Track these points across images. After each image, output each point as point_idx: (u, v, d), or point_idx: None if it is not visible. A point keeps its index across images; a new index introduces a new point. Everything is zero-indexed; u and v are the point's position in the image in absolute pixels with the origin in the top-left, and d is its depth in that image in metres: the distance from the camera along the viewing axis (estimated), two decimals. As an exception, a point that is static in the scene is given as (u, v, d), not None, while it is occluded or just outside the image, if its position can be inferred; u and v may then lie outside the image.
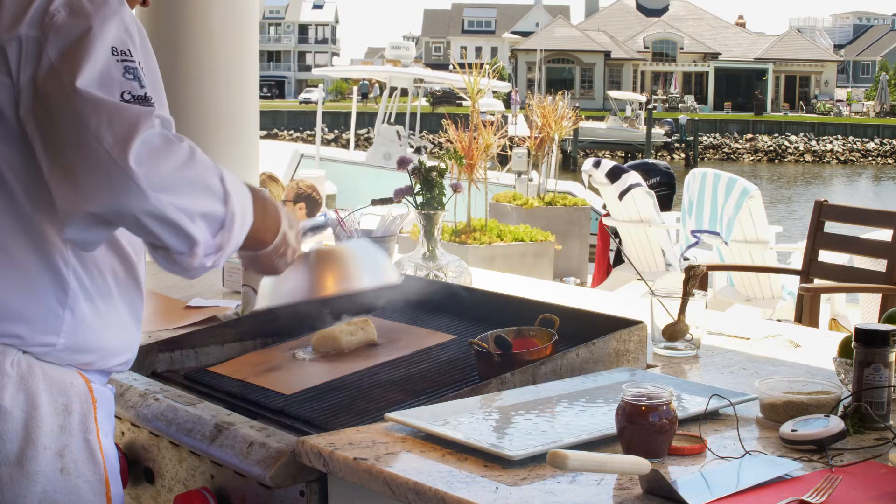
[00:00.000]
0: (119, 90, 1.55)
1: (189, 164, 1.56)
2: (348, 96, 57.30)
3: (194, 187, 1.55)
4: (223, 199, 1.59)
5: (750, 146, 49.61)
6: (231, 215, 1.59)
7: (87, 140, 1.50)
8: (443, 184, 2.81)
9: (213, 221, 1.58)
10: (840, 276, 4.70)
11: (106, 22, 1.58)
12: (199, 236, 1.56)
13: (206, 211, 1.57)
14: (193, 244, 1.56)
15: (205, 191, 1.57)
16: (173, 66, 3.51)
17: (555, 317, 2.11)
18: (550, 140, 8.91)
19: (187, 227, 1.54)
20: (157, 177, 1.51)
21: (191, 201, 1.54)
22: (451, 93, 39.16)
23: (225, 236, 1.60)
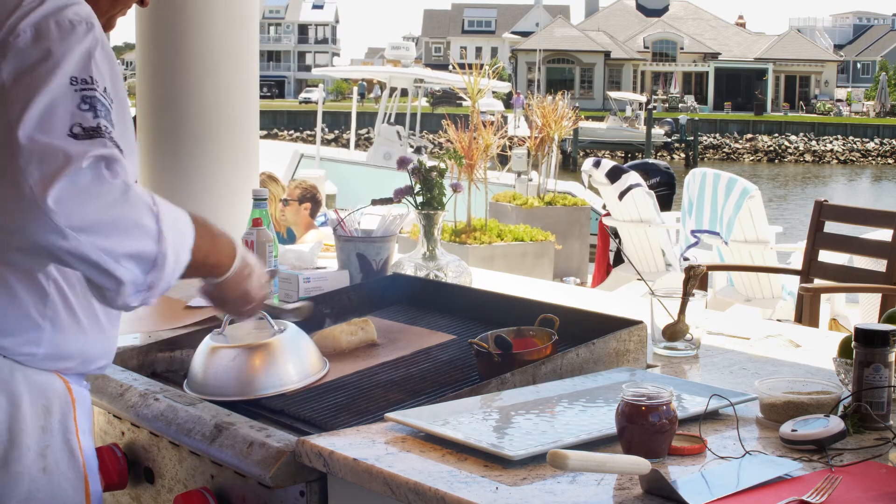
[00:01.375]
0: (68, 124, 1.53)
1: (118, 203, 1.53)
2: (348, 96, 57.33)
3: (122, 228, 1.53)
4: (156, 239, 1.56)
5: (750, 146, 49.60)
6: (163, 255, 1.57)
7: (16, 177, 1.50)
8: (443, 184, 2.81)
9: (144, 261, 1.56)
10: (840, 276, 4.70)
11: (70, 51, 1.58)
12: (126, 276, 1.55)
13: (134, 251, 1.54)
14: (119, 283, 1.55)
15: (134, 231, 1.54)
16: (173, 66, 3.51)
17: (555, 317, 2.11)
18: (550, 140, 8.91)
19: (111, 267, 1.53)
20: (79, 217, 1.49)
21: (116, 242, 1.52)
22: (451, 93, 39.16)
23: (157, 275, 1.58)
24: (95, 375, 2.02)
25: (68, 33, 1.60)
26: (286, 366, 2.00)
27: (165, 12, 3.50)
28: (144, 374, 2.18)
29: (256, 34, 3.66)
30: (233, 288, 1.79)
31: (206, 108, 3.51)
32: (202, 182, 3.51)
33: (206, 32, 3.49)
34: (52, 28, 1.59)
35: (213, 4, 3.51)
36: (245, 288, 1.80)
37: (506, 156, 10.60)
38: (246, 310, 1.86)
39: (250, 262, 1.81)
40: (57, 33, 1.59)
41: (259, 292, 1.84)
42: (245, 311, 1.87)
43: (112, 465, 2.09)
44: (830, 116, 56.00)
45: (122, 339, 2.36)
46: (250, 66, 3.61)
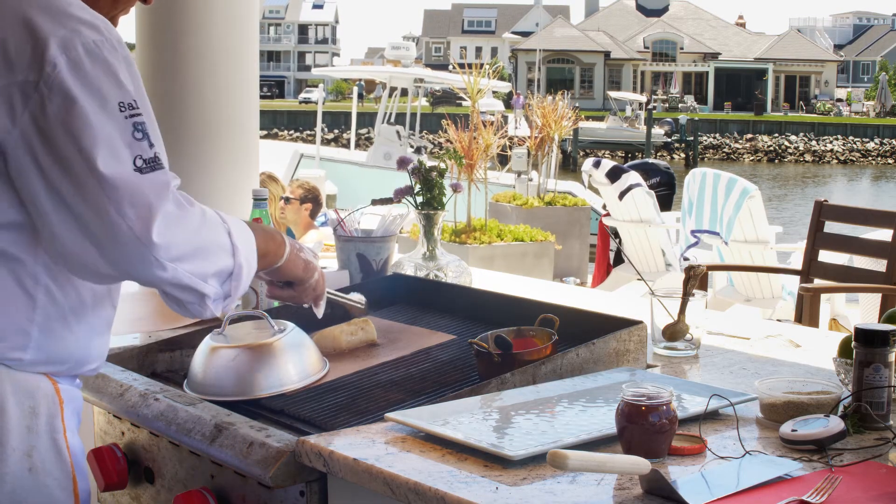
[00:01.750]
0: (131, 157, 1.58)
1: (201, 228, 1.65)
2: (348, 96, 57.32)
3: (207, 251, 1.65)
4: (232, 253, 1.69)
5: (750, 146, 49.61)
6: (239, 266, 1.70)
7: (110, 216, 1.55)
8: (443, 184, 2.81)
9: (223, 275, 1.69)
10: (840, 276, 4.70)
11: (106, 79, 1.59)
12: (210, 292, 1.67)
13: (218, 269, 1.67)
14: (204, 297, 1.67)
15: (216, 251, 1.67)
16: (173, 66, 3.51)
17: (555, 317, 2.11)
18: (550, 140, 8.91)
19: (200, 287, 1.65)
20: (175, 248, 1.59)
21: (204, 265, 1.65)
22: (451, 93, 39.17)
23: (233, 285, 1.71)
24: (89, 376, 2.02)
25: (96, 55, 1.59)
26: (286, 366, 2.00)
27: (165, 12, 3.50)
28: (144, 374, 2.17)
29: (256, 34, 3.66)
30: (293, 267, 1.90)
31: (206, 108, 3.51)
32: (202, 182, 3.51)
33: (206, 32, 3.49)
34: (82, 52, 1.58)
35: (213, 4, 3.51)
36: (304, 257, 1.91)
37: (506, 156, 10.60)
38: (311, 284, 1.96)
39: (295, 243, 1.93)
40: (88, 61, 1.58)
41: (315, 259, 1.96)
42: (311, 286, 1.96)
43: (112, 465, 2.09)
44: (830, 116, 56.00)
45: (122, 339, 2.37)
46: (250, 66, 3.61)
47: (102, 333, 1.82)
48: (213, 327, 2.17)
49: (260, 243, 1.79)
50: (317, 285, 1.98)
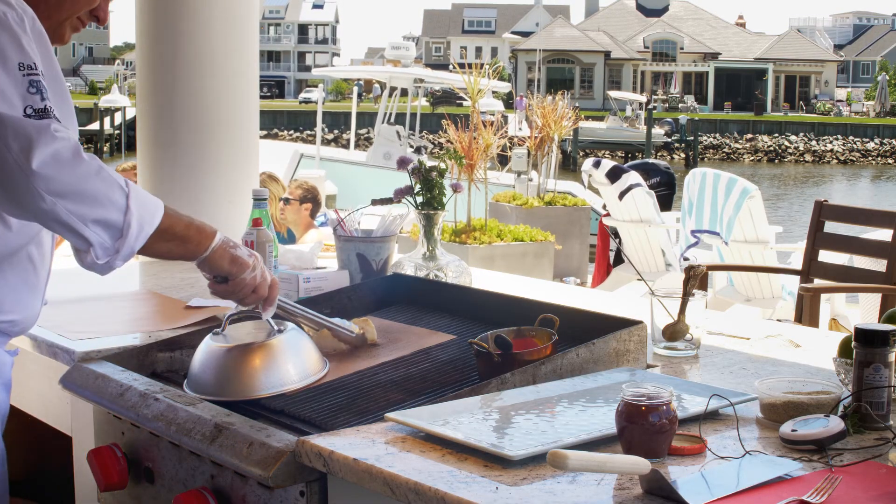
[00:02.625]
0: (22, 105, 1.77)
1: (91, 177, 1.77)
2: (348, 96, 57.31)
3: (93, 198, 1.77)
4: (123, 211, 1.80)
5: (750, 146, 49.60)
6: (127, 225, 1.80)
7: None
8: (443, 184, 2.81)
9: (110, 228, 1.80)
10: (840, 276, 4.70)
11: (10, 43, 1.78)
12: (94, 239, 1.79)
13: (102, 218, 1.78)
14: (88, 245, 1.79)
15: (104, 202, 1.78)
16: (173, 66, 3.51)
17: (555, 317, 2.11)
18: (550, 140, 8.91)
19: (81, 230, 1.77)
20: (56, 183, 1.73)
21: (85, 209, 1.77)
22: (451, 93, 39.20)
23: (121, 242, 1.81)
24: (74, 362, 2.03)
25: (4, 27, 1.78)
26: (286, 366, 2.00)
27: (165, 12, 3.50)
28: (144, 374, 2.17)
29: (256, 34, 3.66)
30: (219, 260, 1.93)
31: (206, 108, 3.51)
32: (202, 182, 3.51)
33: (206, 32, 3.49)
34: None
35: (213, 4, 3.51)
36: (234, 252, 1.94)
37: (506, 156, 10.60)
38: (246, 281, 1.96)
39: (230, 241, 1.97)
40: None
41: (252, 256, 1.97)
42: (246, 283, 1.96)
43: (112, 465, 2.09)
44: (830, 116, 55.99)
45: (122, 339, 2.37)
46: (250, 66, 3.61)
47: (22, 290, 1.95)
48: (213, 327, 2.17)
49: (181, 228, 1.89)
50: (255, 284, 1.97)
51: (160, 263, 3.45)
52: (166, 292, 2.95)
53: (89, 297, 2.86)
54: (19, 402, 2.55)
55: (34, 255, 1.98)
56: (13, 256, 1.93)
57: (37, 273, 1.99)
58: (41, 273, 2.01)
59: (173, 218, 1.89)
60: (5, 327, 1.96)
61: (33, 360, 2.47)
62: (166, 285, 3.06)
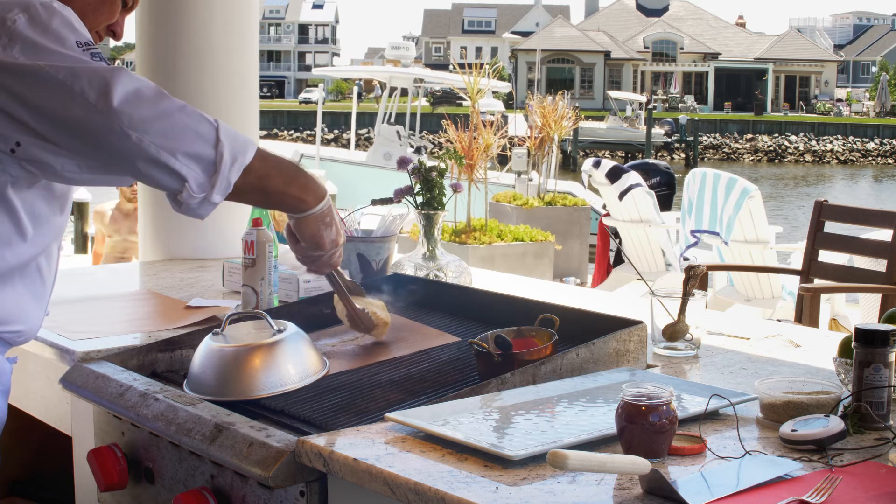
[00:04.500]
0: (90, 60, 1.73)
1: (176, 112, 1.74)
2: (348, 96, 57.33)
3: (180, 131, 1.73)
4: (213, 144, 1.76)
5: (750, 146, 49.60)
6: (220, 156, 1.76)
7: (76, 101, 1.69)
8: (443, 184, 2.81)
9: (202, 161, 1.75)
10: (840, 276, 4.70)
11: (62, 25, 1.76)
12: (187, 173, 1.74)
13: (191, 151, 1.74)
14: (182, 180, 1.75)
15: (191, 135, 1.74)
16: (173, 66, 3.51)
17: (555, 317, 2.11)
18: (550, 140, 8.91)
19: (172, 164, 1.73)
20: (139, 118, 1.69)
21: (173, 142, 1.72)
22: (451, 93, 39.18)
23: (216, 176, 1.76)
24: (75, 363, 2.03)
25: (54, 12, 1.77)
26: (286, 366, 2.00)
27: (165, 12, 3.50)
28: (144, 374, 2.17)
29: (256, 34, 3.66)
30: (311, 227, 1.94)
31: (206, 108, 3.49)
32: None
33: (206, 32, 3.49)
34: (40, 9, 1.75)
35: (213, 4, 3.51)
36: (321, 232, 1.95)
37: (506, 156, 10.61)
38: (316, 256, 1.99)
39: (335, 214, 1.97)
40: (46, 15, 1.75)
41: (334, 242, 1.98)
42: (315, 257, 1.99)
43: (112, 465, 2.09)
44: (830, 116, 56.00)
45: (122, 339, 2.37)
46: (250, 66, 3.61)
47: (27, 301, 1.92)
48: (213, 327, 2.17)
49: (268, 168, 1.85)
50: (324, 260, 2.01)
51: (160, 263, 3.45)
52: (166, 292, 2.95)
53: (89, 297, 2.86)
54: (19, 402, 2.55)
55: (43, 267, 1.96)
56: (25, 268, 1.91)
57: (44, 284, 1.98)
58: (48, 284, 2.00)
59: (276, 160, 1.87)
60: (10, 337, 1.94)
61: (33, 360, 2.47)
62: (166, 285, 3.06)
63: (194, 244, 3.50)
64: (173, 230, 3.53)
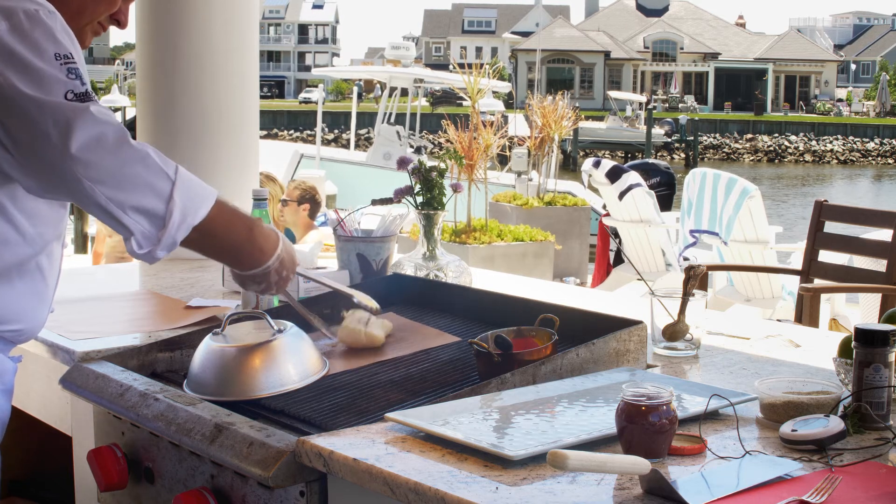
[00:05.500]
0: (63, 91, 1.73)
1: (135, 164, 1.75)
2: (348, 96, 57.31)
3: (132, 185, 1.74)
4: (165, 200, 1.77)
5: (750, 146, 49.60)
6: (170, 213, 1.77)
7: (38, 131, 1.70)
8: (443, 184, 2.81)
9: (151, 217, 1.77)
10: (840, 276, 4.70)
11: (43, 35, 1.76)
12: (133, 227, 1.76)
13: (141, 206, 1.76)
14: (129, 233, 1.77)
15: (144, 190, 1.75)
16: (173, 67, 3.51)
17: (555, 317, 2.11)
18: (550, 140, 8.91)
19: (119, 217, 1.75)
20: (95, 169, 1.71)
21: (125, 196, 1.74)
22: (451, 93, 39.19)
23: (162, 232, 1.78)
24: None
25: (37, 23, 1.76)
26: (286, 366, 2.00)
27: (165, 12, 3.50)
28: (144, 374, 2.17)
29: (256, 34, 3.66)
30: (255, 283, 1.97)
31: (206, 108, 3.51)
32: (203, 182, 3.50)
33: (206, 32, 3.49)
34: (23, 19, 1.75)
35: (213, 4, 3.51)
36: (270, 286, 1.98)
37: (506, 156, 10.60)
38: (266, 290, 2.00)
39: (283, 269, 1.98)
40: (28, 24, 1.75)
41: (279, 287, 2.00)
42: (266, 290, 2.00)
43: (112, 465, 2.09)
44: (830, 116, 56.00)
45: (122, 339, 2.37)
46: (250, 66, 3.61)
47: (29, 299, 1.93)
48: (213, 327, 2.17)
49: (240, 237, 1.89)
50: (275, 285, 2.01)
51: (160, 263, 3.45)
52: (166, 292, 2.95)
53: (89, 297, 2.86)
54: (20, 402, 2.55)
55: (44, 265, 1.96)
56: (23, 266, 1.91)
57: (46, 283, 1.97)
58: (50, 283, 1.99)
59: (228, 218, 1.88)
60: (11, 336, 1.94)
61: (33, 360, 2.47)
62: (166, 285, 3.06)
63: (194, 244, 3.50)
64: (173, 230, 3.52)
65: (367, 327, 2.26)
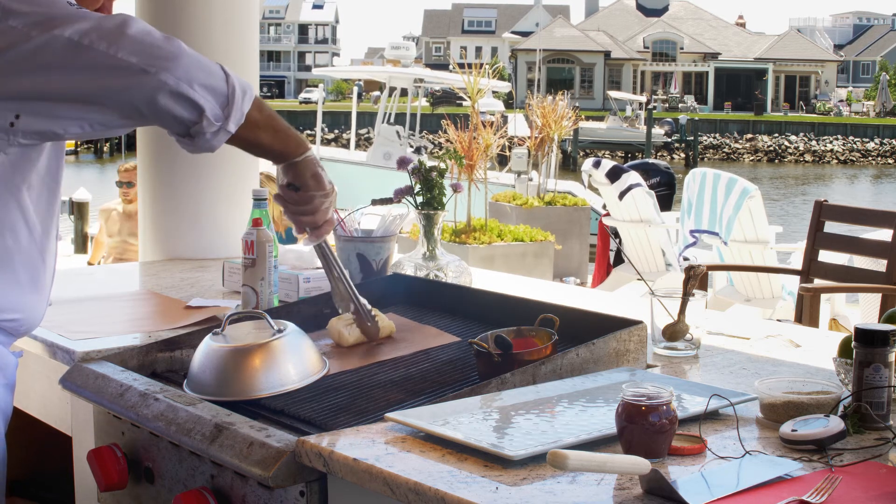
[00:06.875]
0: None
1: (186, 50, 1.78)
2: (348, 96, 57.31)
3: (194, 65, 1.78)
4: (223, 78, 1.81)
5: (750, 146, 49.60)
6: (232, 88, 1.82)
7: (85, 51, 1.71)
8: (443, 184, 2.81)
9: (216, 93, 1.80)
10: (840, 276, 4.70)
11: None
12: (204, 104, 1.78)
13: (208, 83, 1.78)
14: (200, 111, 1.78)
15: (204, 69, 1.79)
16: (173, 66, 3.51)
17: (555, 317, 2.11)
18: (550, 140, 8.92)
19: (191, 94, 1.76)
20: (154, 55, 1.73)
21: (189, 73, 1.76)
22: (451, 93, 39.16)
23: (229, 107, 1.82)
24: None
25: None
26: (286, 366, 2.00)
27: (165, 12, 3.50)
28: (144, 374, 2.17)
29: (256, 34, 3.66)
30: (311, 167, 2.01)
31: (206, 108, 3.50)
32: (202, 182, 3.51)
33: (206, 32, 3.49)
34: None
35: (213, 4, 3.51)
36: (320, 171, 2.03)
37: (506, 156, 10.61)
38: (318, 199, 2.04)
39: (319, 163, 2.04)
40: None
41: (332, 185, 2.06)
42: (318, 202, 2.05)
43: (112, 465, 2.09)
44: (830, 116, 56.00)
45: (122, 339, 2.37)
46: (250, 66, 3.61)
47: (27, 287, 1.92)
48: (213, 327, 2.17)
49: (282, 123, 1.95)
50: (320, 208, 2.06)
51: (160, 263, 3.45)
52: (166, 292, 2.95)
53: (89, 297, 2.86)
54: (19, 402, 2.55)
55: (44, 255, 1.95)
56: (26, 255, 1.91)
57: (44, 273, 1.97)
58: (47, 273, 1.99)
59: (272, 109, 1.93)
60: (10, 326, 1.94)
61: (33, 360, 2.47)
62: (166, 285, 3.06)
63: (194, 244, 3.50)
64: (173, 230, 3.53)
65: (347, 328, 2.27)
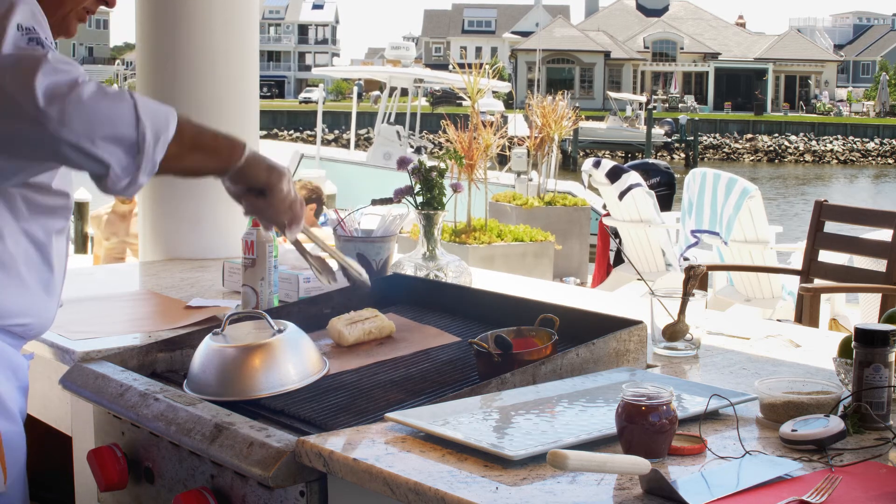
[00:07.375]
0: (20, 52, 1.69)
1: (94, 96, 1.67)
2: (348, 96, 57.34)
3: (97, 115, 1.67)
4: (133, 124, 1.69)
5: (750, 146, 49.60)
6: (142, 135, 1.70)
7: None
8: (443, 184, 2.81)
9: (123, 144, 1.69)
10: (840, 276, 4.70)
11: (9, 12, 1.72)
12: (110, 159, 1.68)
13: (111, 134, 1.68)
14: (106, 167, 1.69)
15: (108, 118, 1.68)
16: (173, 67, 3.51)
17: (555, 317, 2.11)
18: (550, 140, 8.91)
19: (91, 150, 1.67)
20: (58, 109, 1.63)
21: (91, 127, 1.66)
22: (451, 93, 39.14)
23: (140, 157, 1.71)
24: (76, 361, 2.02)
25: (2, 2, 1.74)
26: (286, 366, 2.00)
27: (165, 12, 3.50)
28: (144, 374, 2.17)
29: (256, 34, 3.66)
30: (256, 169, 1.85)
31: (206, 108, 3.51)
32: (202, 182, 3.50)
33: (206, 32, 3.49)
34: None
35: (213, 4, 3.51)
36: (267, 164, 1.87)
37: (506, 156, 10.61)
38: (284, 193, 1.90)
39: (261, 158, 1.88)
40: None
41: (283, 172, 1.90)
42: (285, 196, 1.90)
43: (112, 465, 2.09)
44: (830, 116, 56.00)
45: (122, 339, 2.37)
46: (250, 66, 3.61)
47: (36, 291, 1.91)
48: (213, 327, 2.17)
49: (208, 138, 1.81)
50: (291, 197, 1.92)
51: (160, 263, 3.45)
52: (166, 292, 2.95)
53: (89, 297, 2.86)
54: (19, 402, 2.55)
55: (51, 258, 1.94)
56: (30, 258, 1.89)
57: (53, 276, 1.95)
58: (57, 276, 1.97)
59: (196, 127, 1.80)
60: (20, 330, 1.93)
61: (34, 360, 2.47)
62: (166, 285, 3.06)
63: (194, 244, 3.50)
64: (173, 230, 3.53)
65: (347, 328, 2.26)
